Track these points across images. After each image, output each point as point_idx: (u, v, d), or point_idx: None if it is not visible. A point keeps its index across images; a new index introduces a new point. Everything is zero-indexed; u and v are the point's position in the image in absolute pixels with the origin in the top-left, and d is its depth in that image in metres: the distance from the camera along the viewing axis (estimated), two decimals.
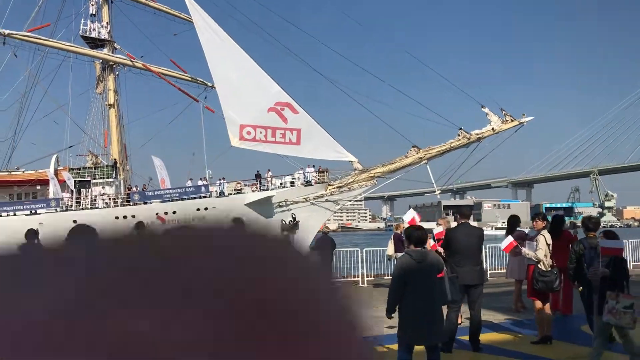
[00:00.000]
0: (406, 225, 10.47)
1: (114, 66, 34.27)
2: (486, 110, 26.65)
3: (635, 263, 20.11)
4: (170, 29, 36.17)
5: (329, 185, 27.81)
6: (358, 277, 17.48)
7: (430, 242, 8.41)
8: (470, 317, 7.68)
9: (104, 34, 33.70)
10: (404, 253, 5.79)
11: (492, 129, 26.13)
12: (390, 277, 12.83)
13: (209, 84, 33.93)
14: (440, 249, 7.96)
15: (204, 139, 32.39)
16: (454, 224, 11.31)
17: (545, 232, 8.28)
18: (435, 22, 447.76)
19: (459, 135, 26.41)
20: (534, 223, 8.88)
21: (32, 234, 9.61)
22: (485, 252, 17.63)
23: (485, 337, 8.11)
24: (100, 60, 33.93)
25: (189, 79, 35.16)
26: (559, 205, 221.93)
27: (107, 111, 33.94)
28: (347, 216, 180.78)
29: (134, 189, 30.85)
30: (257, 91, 27.49)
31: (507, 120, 26.31)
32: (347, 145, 28.02)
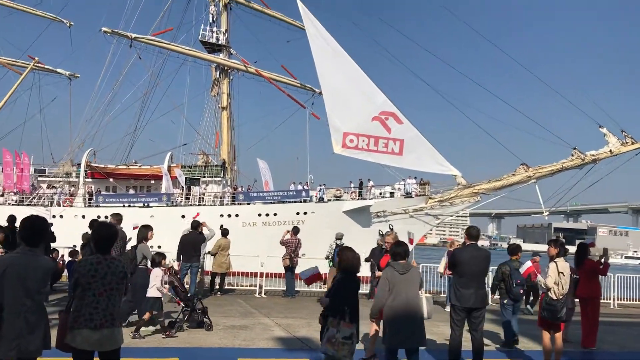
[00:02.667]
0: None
1: (229, 70, 36.03)
2: (604, 130, 25.09)
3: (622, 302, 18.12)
4: (283, 36, 37.51)
5: (430, 198, 27.34)
6: None
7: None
8: (472, 340, 7.32)
9: (222, 40, 35.56)
10: (388, 264, 6.41)
11: (610, 150, 24.59)
12: (445, 294, 12.56)
13: (317, 91, 34.68)
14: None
15: (308, 144, 33.18)
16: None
17: (559, 260, 7.83)
18: (560, 34, 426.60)
19: (572, 155, 25.12)
20: (548, 249, 8.30)
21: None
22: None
23: None
24: (216, 65, 35.82)
25: (298, 85, 36.12)
26: None
27: (219, 113, 35.75)
28: (450, 231, 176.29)
29: (240, 189, 32.15)
30: (363, 100, 27.61)
31: (627, 143, 24.63)
32: (451, 159, 27.43)
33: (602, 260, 10.56)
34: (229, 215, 28.90)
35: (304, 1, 29.84)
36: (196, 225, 13.38)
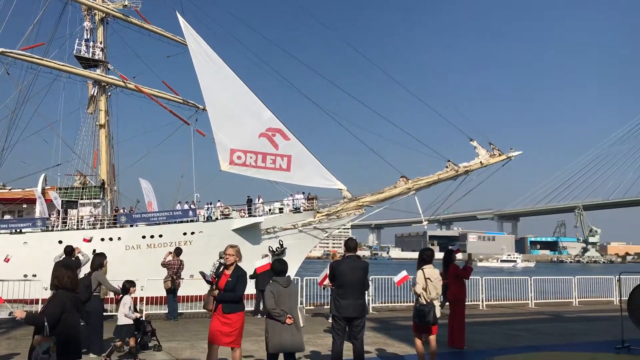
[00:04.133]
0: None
1: (106, 86, 34.21)
2: (475, 143, 26.87)
3: (582, 299, 20.40)
4: (164, 51, 36.32)
5: (318, 212, 27.71)
6: None
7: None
8: (353, 349, 7.58)
9: (98, 54, 33.73)
10: (272, 280, 7.08)
11: (480, 162, 26.33)
12: (327, 306, 12.96)
13: (201, 107, 33.97)
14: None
15: (194, 162, 32.21)
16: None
17: (426, 267, 8.31)
18: (428, 53, 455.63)
19: (447, 167, 26.55)
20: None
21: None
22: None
23: None
24: (93, 81, 33.88)
25: (181, 101, 35.14)
26: (543, 239, 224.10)
27: (97, 131, 33.75)
28: (334, 244, 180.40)
29: (121, 210, 30.47)
30: (249, 116, 27.48)
31: (495, 154, 26.54)
32: (336, 173, 28.03)
33: (467, 264, 11.19)
34: (111, 239, 27.25)
35: (185, 16, 29.24)
36: (70, 250, 12.41)
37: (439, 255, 11.75)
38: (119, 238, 27.22)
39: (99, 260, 9.99)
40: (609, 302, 20.20)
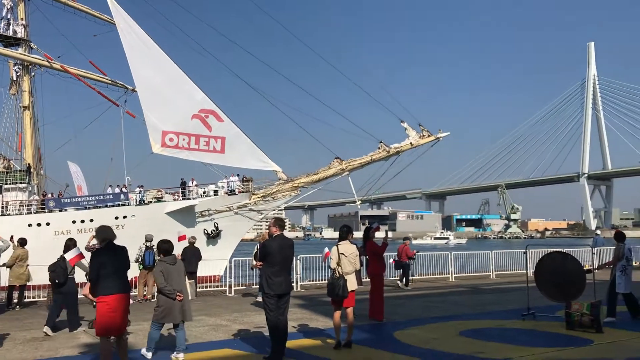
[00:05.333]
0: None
1: (30, 66, 32.72)
2: (405, 125, 27.65)
3: (499, 272, 22.19)
4: (90, 30, 35.07)
5: (253, 194, 27.92)
6: (225, 286, 17.85)
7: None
8: (279, 324, 7.84)
9: (20, 33, 32.15)
10: (159, 260, 8.01)
11: (410, 143, 27.16)
12: (257, 286, 13.60)
13: (130, 88, 33.19)
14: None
15: (124, 144, 31.48)
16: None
17: (341, 243, 8.87)
18: (360, 33, 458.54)
19: (379, 148, 27.29)
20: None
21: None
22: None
23: (295, 342, 8.76)
24: (15, 60, 32.31)
25: (109, 81, 34.13)
26: (468, 217, 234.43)
27: (21, 113, 32.33)
28: (267, 226, 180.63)
29: (49, 195, 29.52)
30: (181, 97, 27.21)
31: (424, 135, 27.47)
32: (272, 156, 28.31)
33: (384, 241, 11.85)
34: (39, 225, 26.46)
35: None
36: None
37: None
38: (48, 223, 26.47)
39: (71, 243, 11.03)
40: (522, 274, 21.95)
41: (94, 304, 6.89)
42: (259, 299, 12.57)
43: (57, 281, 10.48)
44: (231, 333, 10.08)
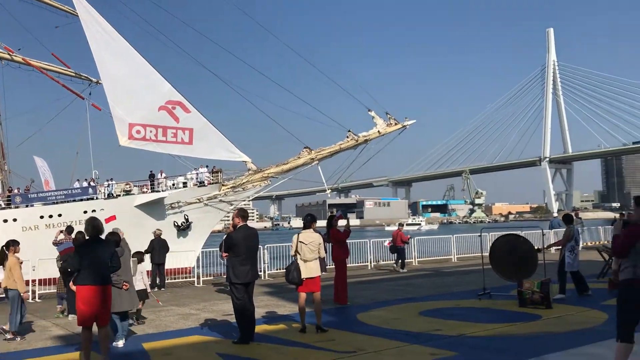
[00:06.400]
0: None
1: None
2: (372, 113, 27.98)
3: (459, 255, 23.28)
4: (52, 22, 34.51)
5: (223, 185, 28.03)
6: (194, 277, 18.25)
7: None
8: (246, 310, 8.18)
9: None
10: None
11: (378, 131, 27.50)
12: (225, 276, 13.97)
13: (94, 80, 32.89)
14: None
15: (90, 138, 31.21)
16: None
17: (303, 231, 9.13)
18: (329, 25, 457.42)
19: (347, 137, 27.61)
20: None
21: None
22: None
23: (263, 327, 9.25)
24: None
25: (73, 74, 33.73)
26: (434, 202, 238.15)
27: None
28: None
29: (15, 190, 29.15)
30: (147, 89, 27.09)
31: (391, 124, 27.84)
32: (243, 146, 28.44)
33: (346, 228, 12.38)
34: (5, 221, 26.18)
35: None
36: None
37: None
38: (15, 219, 26.23)
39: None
40: (481, 257, 22.96)
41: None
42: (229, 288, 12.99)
43: (69, 270, 10.63)
44: (200, 321, 10.45)
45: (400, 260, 19.65)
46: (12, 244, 9.55)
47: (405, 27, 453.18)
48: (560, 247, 12.66)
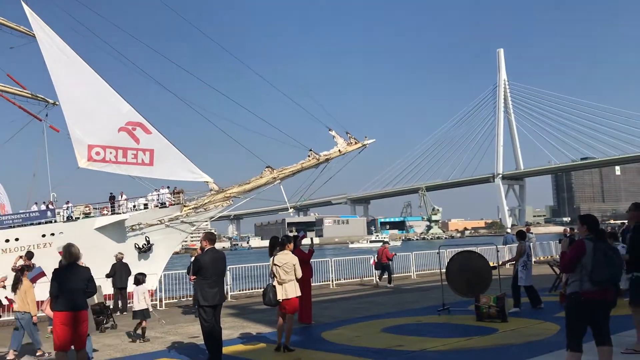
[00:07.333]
0: None
1: None
2: (333, 133, 28.38)
3: (418, 272, 23.99)
4: (6, 42, 33.78)
5: (185, 206, 27.89)
6: (156, 300, 18.07)
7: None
8: (214, 332, 8.25)
9: None
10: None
11: (339, 150, 27.99)
12: (192, 298, 13.98)
13: (51, 101, 32.36)
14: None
15: (48, 159, 30.60)
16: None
17: (278, 254, 9.30)
18: (290, 44, 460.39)
19: (309, 156, 27.95)
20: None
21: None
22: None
23: (230, 348, 9.38)
24: None
25: (29, 95, 33.02)
26: (392, 220, 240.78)
27: None
28: (192, 238, 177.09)
29: None
30: (107, 110, 26.85)
31: (351, 143, 28.32)
32: (204, 166, 28.36)
33: (310, 248, 12.79)
34: None
35: (31, 4, 27.70)
36: None
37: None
38: None
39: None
40: (439, 273, 23.65)
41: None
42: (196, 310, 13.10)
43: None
44: (166, 344, 10.53)
45: (387, 276, 20.90)
46: (27, 269, 10.43)
47: (361, 42, 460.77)
48: (514, 262, 13.35)
